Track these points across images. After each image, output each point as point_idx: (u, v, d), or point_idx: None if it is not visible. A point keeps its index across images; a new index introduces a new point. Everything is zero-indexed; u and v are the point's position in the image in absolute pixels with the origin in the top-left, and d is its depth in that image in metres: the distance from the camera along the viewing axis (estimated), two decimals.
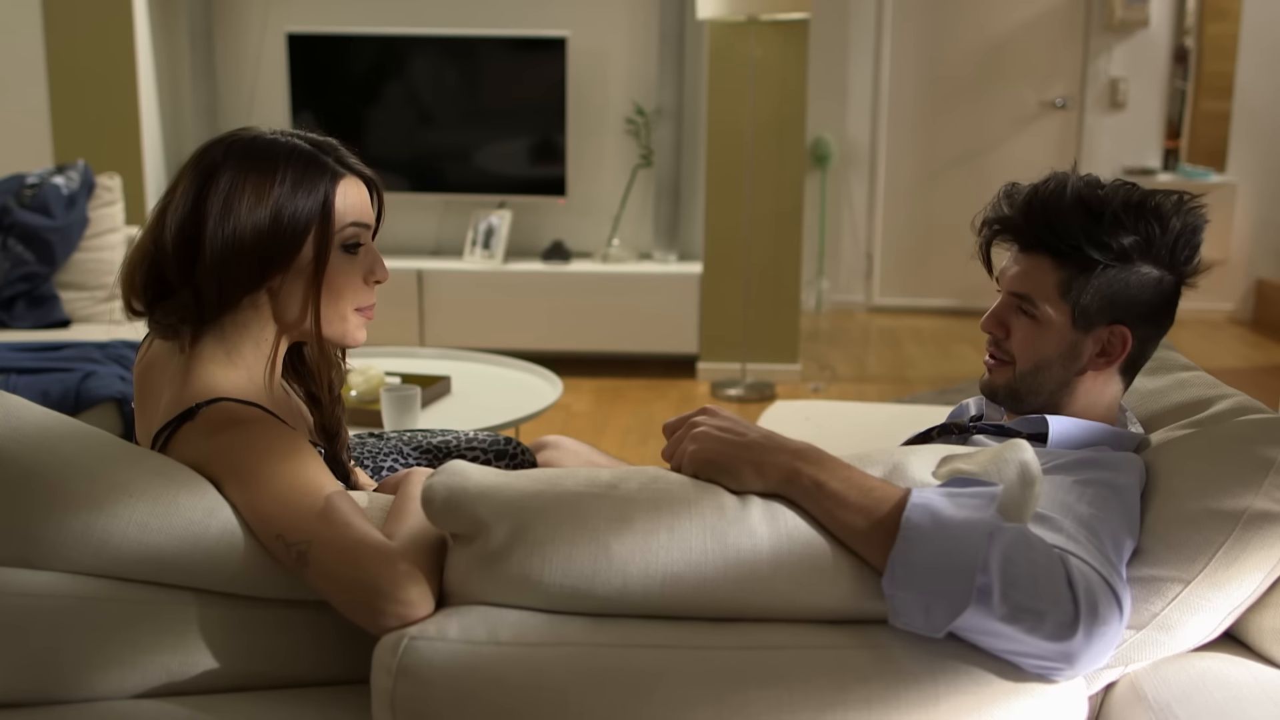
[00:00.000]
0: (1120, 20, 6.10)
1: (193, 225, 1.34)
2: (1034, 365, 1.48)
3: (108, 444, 1.29)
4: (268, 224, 1.34)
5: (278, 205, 1.34)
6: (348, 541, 1.18)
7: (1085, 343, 1.46)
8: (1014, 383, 1.50)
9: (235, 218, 1.33)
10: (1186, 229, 1.44)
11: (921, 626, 1.11)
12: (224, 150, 1.37)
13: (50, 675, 1.20)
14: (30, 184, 3.89)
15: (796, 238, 5.00)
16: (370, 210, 1.44)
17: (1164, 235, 1.42)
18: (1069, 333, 1.46)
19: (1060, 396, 1.48)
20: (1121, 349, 1.45)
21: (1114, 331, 1.45)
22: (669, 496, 1.16)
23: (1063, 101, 6.27)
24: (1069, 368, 1.47)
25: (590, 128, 5.29)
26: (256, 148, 1.36)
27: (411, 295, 5.04)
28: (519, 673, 1.09)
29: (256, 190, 1.34)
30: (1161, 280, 1.44)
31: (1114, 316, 1.44)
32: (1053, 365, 1.47)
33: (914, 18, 6.28)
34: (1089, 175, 1.47)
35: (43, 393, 3.15)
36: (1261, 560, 1.26)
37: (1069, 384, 1.47)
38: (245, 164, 1.35)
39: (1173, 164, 6.40)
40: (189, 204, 1.35)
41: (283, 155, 1.36)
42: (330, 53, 5.10)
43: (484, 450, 2.00)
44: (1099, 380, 1.48)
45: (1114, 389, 1.49)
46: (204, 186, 1.34)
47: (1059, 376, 1.47)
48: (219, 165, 1.35)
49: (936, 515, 1.11)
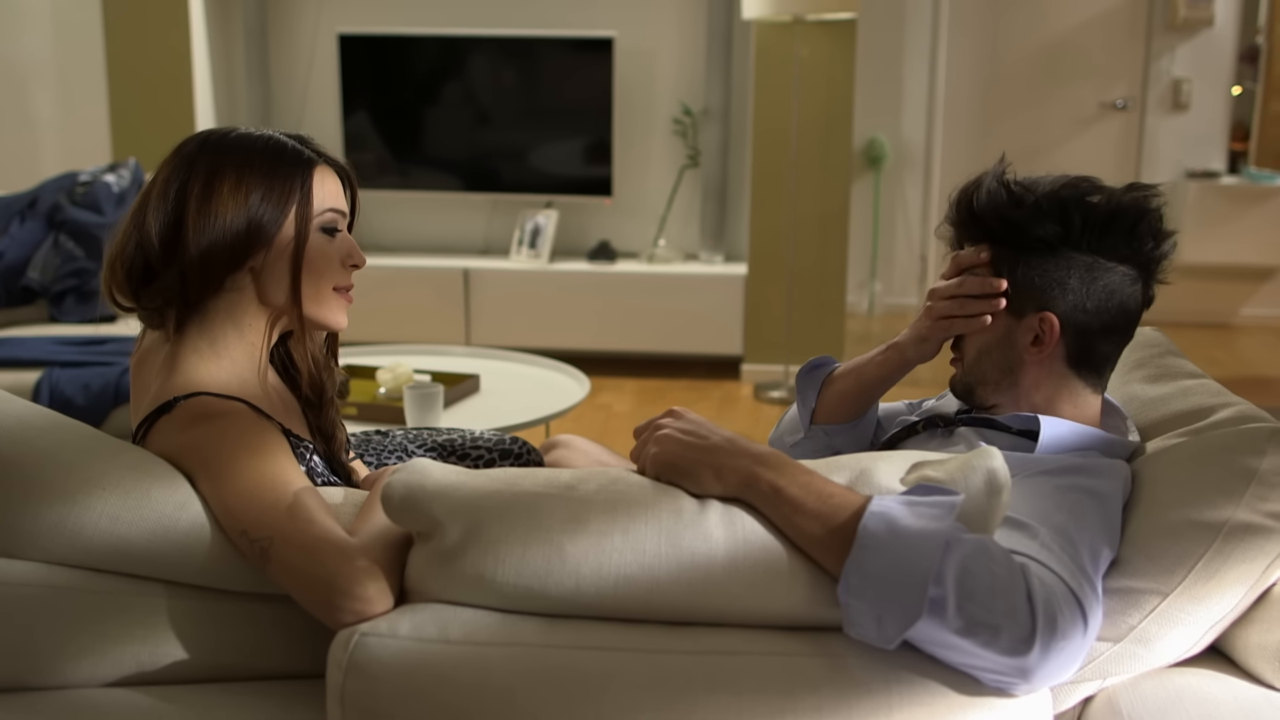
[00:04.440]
0: (1184, 19, 5.97)
1: (176, 208, 1.38)
2: (976, 353, 1.49)
3: (86, 437, 1.31)
4: (250, 202, 1.39)
5: (260, 184, 1.39)
6: (308, 537, 1.19)
7: (1018, 329, 1.45)
8: (965, 376, 1.51)
9: (218, 198, 1.37)
10: (1119, 215, 1.41)
11: (874, 637, 1.09)
12: (202, 140, 1.42)
13: (23, 663, 1.23)
14: (82, 181, 3.98)
15: (842, 239, 4.96)
16: (345, 201, 1.49)
17: (1087, 223, 1.41)
18: (1003, 317, 1.45)
19: (1007, 388, 1.47)
20: (1051, 336, 1.43)
21: (1043, 318, 1.43)
22: (626, 499, 1.16)
23: (1123, 103, 6.15)
24: (1007, 355, 1.46)
25: (637, 128, 5.29)
26: (235, 138, 1.42)
27: (458, 294, 5.08)
28: (467, 671, 1.09)
29: (237, 172, 1.38)
30: (1094, 267, 1.41)
31: (1040, 303, 1.43)
32: (992, 351, 1.47)
33: (971, 17, 6.20)
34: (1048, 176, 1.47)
35: (84, 386, 3.22)
36: (1243, 573, 1.22)
37: (1012, 372, 1.46)
38: (226, 151, 1.40)
39: (1239, 167, 6.24)
40: (172, 189, 1.39)
41: (260, 143, 1.42)
42: (380, 53, 5.15)
43: (489, 450, 2.01)
44: (1042, 371, 1.45)
45: (1075, 392, 1.45)
46: (186, 171, 1.39)
47: (999, 363, 1.47)
48: (198, 155, 1.40)
49: (893, 524, 1.09)
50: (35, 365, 3.30)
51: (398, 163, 5.24)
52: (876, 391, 1.69)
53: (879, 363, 1.63)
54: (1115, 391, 1.60)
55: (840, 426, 1.72)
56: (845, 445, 1.76)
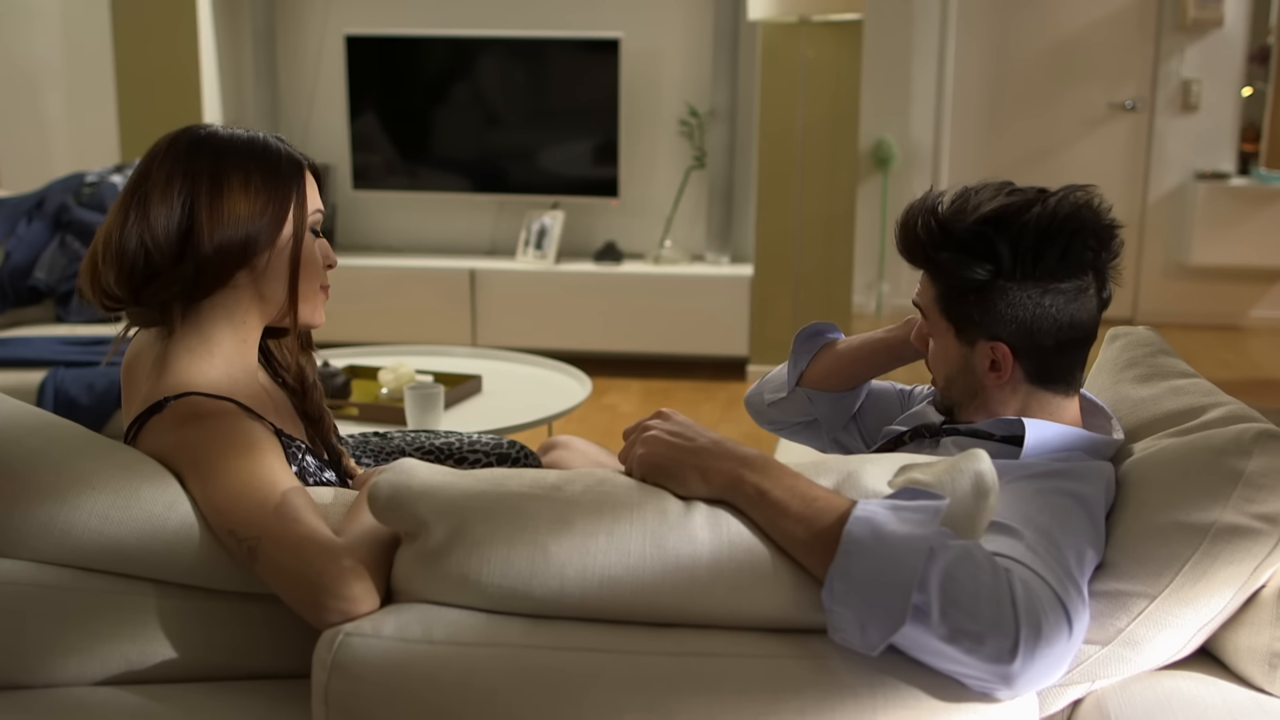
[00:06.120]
0: (1193, 20, 5.94)
1: (186, 207, 1.39)
2: (944, 378, 1.49)
3: (76, 436, 1.32)
4: (260, 201, 1.42)
5: (266, 184, 1.43)
6: (294, 537, 1.20)
7: (973, 356, 1.43)
8: (940, 398, 1.51)
9: (229, 197, 1.40)
10: (1050, 238, 1.35)
11: (858, 643, 1.09)
12: (193, 140, 1.43)
13: (12, 661, 1.24)
14: (89, 182, 4.00)
15: (849, 240, 4.95)
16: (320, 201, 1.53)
17: (1017, 254, 1.36)
18: (956, 346, 1.44)
19: (979, 407, 1.46)
20: (1006, 365, 1.41)
21: (994, 347, 1.41)
22: (612, 500, 1.16)
23: (1132, 103, 6.13)
24: (970, 381, 1.45)
25: (643, 129, 5.29)
26: (225, 137, 1.44)
27: (464, 295, 5.08)
28: (450, 671, 1.09)
29: (243, 172, 1.41)
30: (1039, 294, 1.37)
31: (990, 333, 1.41)
32: (956, 379, 1.47)
33: (979, 17, 6.19)
34: (968, 191, 1.42)
35: (88, 386, 3.24)
36: (1231, 575, 1.21)
37: (978, 395, 1.45)
38: (226, 151, 1.42)
39: (1249, 168, 6.21)
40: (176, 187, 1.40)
41: (257, 145, 1.45)
42: (387, 55, 5.17)
43: (486, 453, 2.02)
44: (1007, 391, 1.44)
45: (1045, 402, 1.44)
46: (188, 170, 1.40)
47: (965, 388, 1.46)
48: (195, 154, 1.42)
49: (877, 530, 1.09)
50: (40, 365, 3.32)
51: (404, 164, 5.25)
52: (869, 373, 1.70)
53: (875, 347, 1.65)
54: (1106, 391, 1.59)
55: (825, 394, 1.74)
56: (825, 414, 1.78)
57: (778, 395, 1.81)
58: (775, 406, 1.83)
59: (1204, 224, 6.08)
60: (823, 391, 1.74)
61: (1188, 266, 6.20)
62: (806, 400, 1.76)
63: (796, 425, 1.86)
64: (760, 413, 1.89)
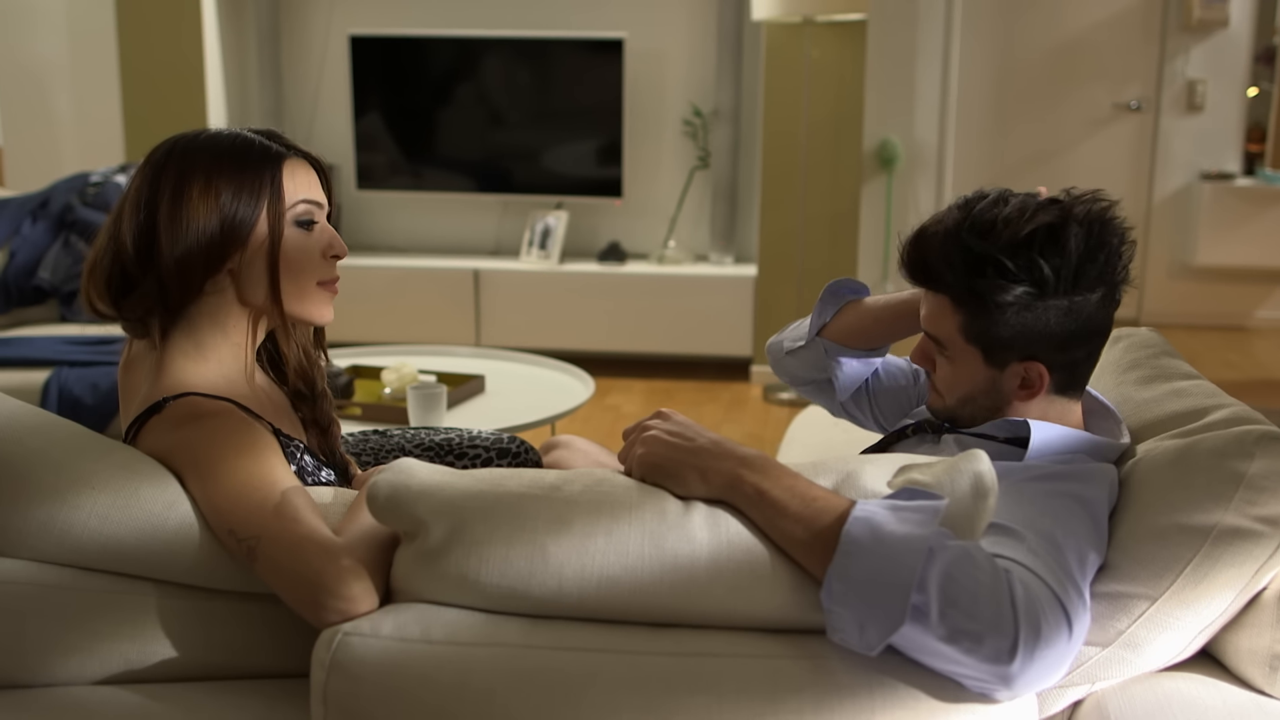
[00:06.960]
0: (1199, 20, 5.93)
1: (148, 216, 1.37)
2: (959, 399, 1.44)
3: (76, 436, 1.32)
4: (220, 204, 1.37)
5: (228, 184, 1.38)
6: (294, 537, 1.20)
7: (1002, 378, 1.39)
8: (947, 411, 1.47)
9: (188, 203, 1.37)
10: (1094, 249, 1.33)
11: (857, 643, 1.09)
12: (170, 147, 1.41)
13: (12, 660, 1.24)
14: (94, 182, 4.00)
15: (853, 240, 4.95)
16: (320, 190, 1.47)
17: (1060, 272, 1.32)
18: (984, 369, 1.40)
19: (990, 417, 1.43)
20: (1040, 382, 1.38)
21: (1029, 367, 1.37)
22: (611, 500, 1.16)
23: (1137, 104, 6.12)
24: (994, 399, 1.41)
25: (647, 129, 5.29)
26: (202, 140, 1.41)
27: (468, 295, 5.09)
28: (448, 671, 1.09)
29: (205, 174, 1.37)
30: (1072, 307, 1.34)
31: (1025, 353, 1.36)
32: (977, 398, 1.42)
33: (983, 18, 6.18)
34: (979, 206, 1.36)
35: (93, 385, 3.24)
36: (1232, 578, 1.21)
37: (1000, 410, 1.42)
38: (193, 155, 1.39)
39: (1254, 168, 6.20)
40: (143, 198, 1.38)
41: (226, 143, 1.40)
42: (391, 55, 5.17)
43: (487, 449, 2.02)
44: (1029, 404, 1.41)
45: (1059, 407, 1.43)
46: (155, 179, 1.38)
47: (987, 405, 1.42)
48: (166, 161, 1.39)
49: (876, 530, 1.09)
50: (44, 365, 3.32)
51: (408, 164, 5.26)
52: (891, 335, 1.70)
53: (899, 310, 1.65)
54: (1109, 392, 1.59)
55: (843, 349, 1.73)
56: (839, 373, 1.76)
57: (797, 344, 1.78)
58: (793, 356, 1.80)
59: (1209, 224, 6.07)
60: (841, 346, 1.74)
61: (1193, 267, 6.19)
62: (823, 353, 1.74)
63: (810, 384, 1.83)
64: (778, 360, 1.85)
